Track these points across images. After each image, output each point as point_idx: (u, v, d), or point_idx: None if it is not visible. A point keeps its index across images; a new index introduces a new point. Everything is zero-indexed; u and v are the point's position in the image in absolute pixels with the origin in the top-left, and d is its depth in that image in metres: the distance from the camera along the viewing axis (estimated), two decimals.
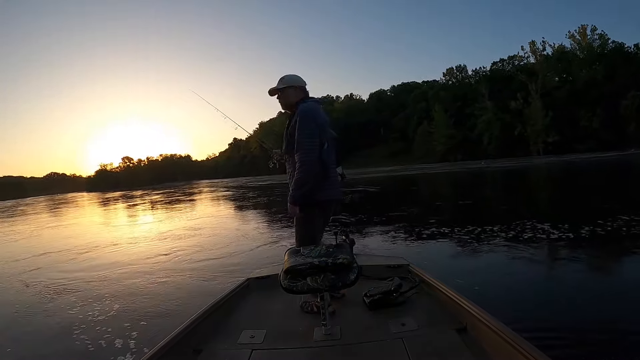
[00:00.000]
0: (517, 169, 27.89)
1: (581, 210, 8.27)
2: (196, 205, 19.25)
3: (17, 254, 8.24)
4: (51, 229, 13.85)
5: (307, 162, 2.29)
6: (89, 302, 4.37)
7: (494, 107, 55.94)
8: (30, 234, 12.60)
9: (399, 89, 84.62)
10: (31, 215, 23.19)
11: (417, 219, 8.57)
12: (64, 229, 13.83)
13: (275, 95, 2.56)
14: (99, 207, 26.77)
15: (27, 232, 13.19)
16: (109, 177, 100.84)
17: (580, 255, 4.92)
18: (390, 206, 11.83)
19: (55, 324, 3.80)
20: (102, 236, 10.13)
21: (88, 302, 4.34)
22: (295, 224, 2.47)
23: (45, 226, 15.09)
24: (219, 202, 20.30)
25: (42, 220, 18.24)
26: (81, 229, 13.39)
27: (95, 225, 14.27)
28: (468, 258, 5.22)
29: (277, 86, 2.51)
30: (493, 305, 2.58)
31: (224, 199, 22.40)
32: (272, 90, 2.54)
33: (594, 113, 45.94)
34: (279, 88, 2.51)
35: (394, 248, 5.94)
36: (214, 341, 2.04)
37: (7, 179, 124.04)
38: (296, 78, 2.55)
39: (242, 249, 6.67)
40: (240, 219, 11.87)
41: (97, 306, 4.17)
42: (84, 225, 14.74)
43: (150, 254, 6.95)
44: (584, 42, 56.03)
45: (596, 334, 2.70)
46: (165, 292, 4.48)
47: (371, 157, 73.07)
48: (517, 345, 1.52)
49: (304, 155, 2.29)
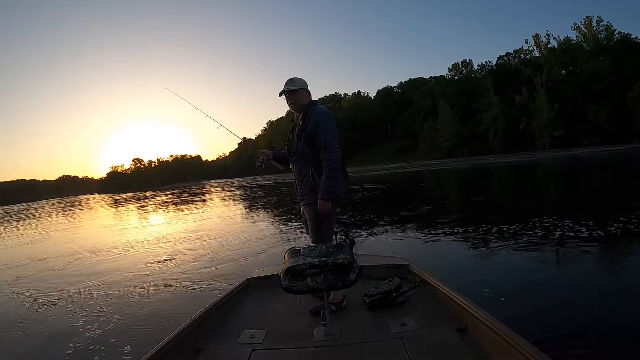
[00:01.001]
0: (528, 163, 27.11)
1: (608, 207, 7.66)
2: (202, 206, 19.21)
3: (16, 260, 8.30)
4: (56, 233, 13.84)
5: (337, 160, 2.41)
6: (89, 305, 4.38)
7: (500, 102, 55.19)
8: (33, 239, 12.62)
9: (406, 85, 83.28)
10: (39, 218, 23.43)
11: (428, 218, 8.16)
12: (66, 232, 13.80)
13: (287, 95, 2.55)
14: (106, 209, 27.05)
15: (31, 236, 13.26)
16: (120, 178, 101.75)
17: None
18: (399, 204, 11.40)
19: (54, 328, 3.81)
20: (104, 240, 10.05)
21: (88, 306, 4.35)
22: (314, 221, 2.48)
23: (50, 230, 15.10)
24: (223, 202, 20.30)
25: (47, 224, 18.38)
26: (84, 232, 13.42)
27: (100, 228, 14.27)
28: (493, 264, 4.63)
29: (291, 87, 2.52)
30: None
31: (227, 199, 22.43)
32: (288, 91, 2.53)
33: (600, 106, 45.03)
34: (295, 89, 2.52)
35: (403, 251, 5.50)
36: (214, 341, 2.05)
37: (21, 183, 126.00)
38: (305, 81, 2.62)
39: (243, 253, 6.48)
40: (246, 220, 11.43)
41: (98, 309, 4.16)
42: (88, 228, 14.84)
43: (150, 258, 6.81)
44: (589, 33, 54.77)
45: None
46: (166, 297, 4.43)
47: (378, 154, 72.60)
48: (517, 345, 1.51)
49: (334, 153, 2.40)
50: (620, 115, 43.45)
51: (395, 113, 76.49)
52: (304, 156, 2.49)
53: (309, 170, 2.47)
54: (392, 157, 67.93)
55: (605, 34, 53.84)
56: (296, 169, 2.58)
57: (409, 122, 71.61)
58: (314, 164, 2.47)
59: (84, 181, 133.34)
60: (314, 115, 2.46)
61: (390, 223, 8.03)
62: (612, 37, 53.14)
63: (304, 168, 2.51)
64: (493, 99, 56.20)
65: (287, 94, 2.53)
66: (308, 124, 2.45)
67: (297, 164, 2.57)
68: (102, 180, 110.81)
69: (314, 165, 2.47)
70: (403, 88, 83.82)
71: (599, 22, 54.58)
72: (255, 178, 49.91)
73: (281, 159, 2.83)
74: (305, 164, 2.50)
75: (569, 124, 47.43)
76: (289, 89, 2.51)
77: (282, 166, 2.84)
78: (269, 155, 2.80)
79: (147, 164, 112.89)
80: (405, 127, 72.58)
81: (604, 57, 50.49)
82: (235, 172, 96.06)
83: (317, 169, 2.46)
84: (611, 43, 52.22)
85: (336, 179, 2.40)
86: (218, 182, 65.04)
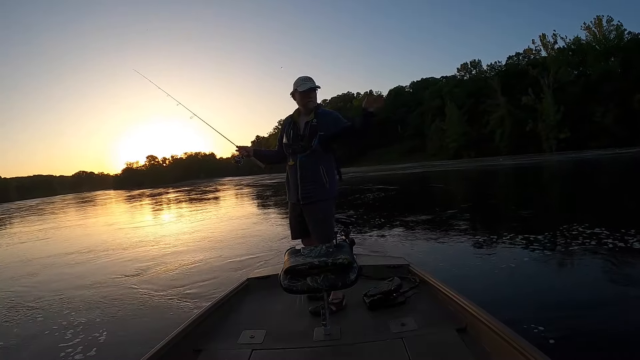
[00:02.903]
0: (539, 166, 26.06)
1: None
2: (208, 204, 19.16)
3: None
4: (54, 230, 13.60)
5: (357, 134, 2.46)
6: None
7: (507, 103, 54.33)
8: (35, 237, 12.27)
9: (418, 85, 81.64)
10: (45, 215, 23.43)
11: (444, 223, 7.34)
12: (65, 230, 13.65)
13: (312, 92, 2.52)
14: (113, 206, 27.00)
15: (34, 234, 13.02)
16: (135, 175, 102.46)
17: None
18: (410, 207, 10.61)
19: (46, 326, 3.73)
20: (99, 239, 9.74)
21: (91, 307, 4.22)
22: (321, 220, 2.46)
23: (52, 227, 14.87)
24: (228, 201, 20.19)
25: (51, 221, 18.29)
26: (85, 230, 13.26)
27: (101, 226, 14.06)
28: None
29: (315, 85, 2.51)
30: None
31: (234, 197, 22.48)
32: (315, 88, 2.51)
33: (608, 108, 43.99)
34: (317, 87, 2.52)
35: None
36: (214, 341, 2.04)
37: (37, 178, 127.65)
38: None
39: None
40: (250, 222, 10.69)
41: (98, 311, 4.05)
42: (90, 226, 14.65)
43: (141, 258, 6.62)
44: (599, 33, 53.02)
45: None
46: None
47: (387, 154, 71.69)
48: (517, 345, 1.49)
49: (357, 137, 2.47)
50: (628, 117, 42.39)
51: (405, 113, 75.02)
52: (315, 154, 2.46)
53: (319, 168, 2.45)
54: (400, 157, 67.12)
55: (615, 34, 52.23)
56: (301, 166, 2.49)
57: (418, 122, 70.59)
58: (324, 162, 2.47)
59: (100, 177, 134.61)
60: (329, 114, 2.52)
61: (404, 225, 7.41)
62: (622, 37, 51.58)
63: (313, 166, 2.46)
64: (500, 100, 55.43)
65: (313, 91, 2.51)
66: (323, 123, 2.46)
67: (304, 161, 2.48)
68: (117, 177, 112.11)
69: (325, 164, 2.46)
70: (414, 88, 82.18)
71: (609, 21, 52.90)
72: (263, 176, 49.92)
73: (264, 157, 2.77)
74: (315, 162, 2.46)
75: (576, 126, 46.43)
76: (317, 86, 2.51)
77: (263, 164, 2.75)
78: (249, 151, 2.69)
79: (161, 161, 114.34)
80: (414, 128, 71.44)
81: (614, 58, 49.20)
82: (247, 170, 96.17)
83: (328, 168, 2.47)
84: (621, 43, 50.63)
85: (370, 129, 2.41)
86: (229, 179, 64.96)
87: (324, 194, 2.44)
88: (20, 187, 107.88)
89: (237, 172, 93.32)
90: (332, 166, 2.56)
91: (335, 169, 2.59)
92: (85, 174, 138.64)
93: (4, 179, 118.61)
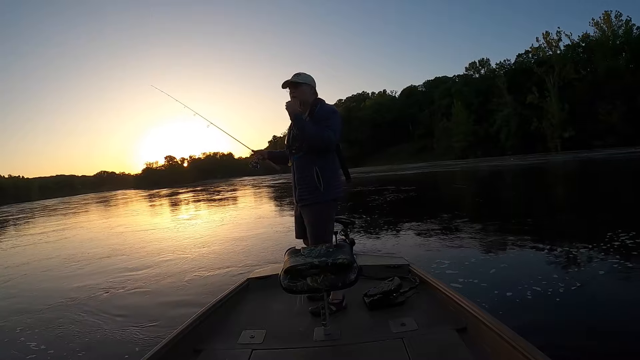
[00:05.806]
0: (550, 165, 24.85)
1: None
2: (219, 204, 18.75)
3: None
4: (56, 233, 12.79)
5: (325, 140, 2.27)
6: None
7: (514, 102, 53.12)
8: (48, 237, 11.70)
9: (430, 84, 79.84)
10: (45, 216, 23.19)
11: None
12: (68, 232, 12.83)
13: (290, 88, 2.42)
14: (128, 206, 26.52)
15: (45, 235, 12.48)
16: (154, 175, 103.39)
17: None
18: (426, 209, 9.81)
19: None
20: (101, 243, 9.17)
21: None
22: (314, 224, 2.37)
23: (55, 229, 14.09)
24: (238, 203, 19.53)
25: (62, 222, 17.70)
26: (90, 233, 12.40)
27: (105, 228, 13.32)
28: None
29: (295, 79, 2.40)
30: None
31: (244, 198, 22.19)
32: (292, 83, 2.40)
33: (615, 106, 42.43)
34: (299, 82, 2.39)
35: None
36: (214, 341, 2.01)
37: (59, 178, 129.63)
38: (312, 78, 2.48)
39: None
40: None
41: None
42: (91, 229, 13.72)
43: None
44: (608, 29, 50.74)
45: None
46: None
47: (398, 154, 70.82)
48: (517, 345, 1.46)
49: (324, 141, 2.27)
50: (635, 115, 40.78)
51: (417, 112, 73.79)
52: (309, 155, 2.35)
53: (312, 169, 2.32)
54: (410, 157, 66.32)
55: (624, 29, 49.89)
56: (297, 167, 2.43)
57: (428, 121, 69.35)
58: (318, 163, 2.32)
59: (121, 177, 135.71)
60: (323, 112, 2.35)
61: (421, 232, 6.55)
62: (631, 33, 49.34)
63: (306, 167, 2.35)
64: (507, 99, 54.44)
65: (290, 86, 2.40)
66: (315, 122, 2.32)
67: (299, 162, 2.41)
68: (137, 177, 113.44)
69: (318, 165, 2.32)
70: (427, 87, 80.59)
71: (617, 17, 50.52)
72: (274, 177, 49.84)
73: (278, 158, 2.71)
74: (308, 163, 2.35)
75: (582, 124, 45.04)
76: (294, 80, 2.39)
77: (278, 166, 2.73)
78: (264, 154, 2.67)
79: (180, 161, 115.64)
80: (425, 127, 70.18)
81: (622, 55, 47.47)
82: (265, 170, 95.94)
83: (322, 168, 2.32)
84: (630, 39, 48.39)
85: (306, 132, 2.26)
86: (250, 179, 63.94)
87: (317, 197, 2.32)
88: (43, 187, 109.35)
89: (254, 172, 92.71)
90: (331, 167, 2.41)
91: (340, 170, 2.49)
92: (106, 173, 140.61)
93: (27, 179, 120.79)
